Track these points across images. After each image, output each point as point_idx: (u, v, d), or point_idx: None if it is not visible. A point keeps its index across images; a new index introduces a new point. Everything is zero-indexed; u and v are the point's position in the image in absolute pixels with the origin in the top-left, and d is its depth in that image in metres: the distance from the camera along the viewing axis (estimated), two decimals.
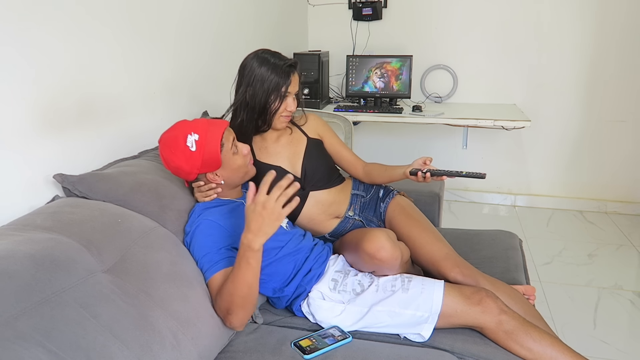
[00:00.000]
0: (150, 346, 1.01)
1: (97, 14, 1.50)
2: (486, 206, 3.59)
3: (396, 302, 1.33)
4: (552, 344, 1.26)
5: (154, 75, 1.81)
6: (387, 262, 1.37)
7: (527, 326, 1.28)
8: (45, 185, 1.33)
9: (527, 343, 1.25)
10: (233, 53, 2.45)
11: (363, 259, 1.41)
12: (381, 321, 1.34)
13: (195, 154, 1.29)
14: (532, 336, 1.26)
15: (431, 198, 2.14)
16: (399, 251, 1.40)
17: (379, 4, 3.38)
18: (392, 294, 1.35)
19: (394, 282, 1.38)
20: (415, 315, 1.31)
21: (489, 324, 1.28)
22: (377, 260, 1.37)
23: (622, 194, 3.39)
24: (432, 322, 1.30)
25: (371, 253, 1.37)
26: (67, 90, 1.40)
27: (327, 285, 1.41)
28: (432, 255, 1.54)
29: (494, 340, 1.29)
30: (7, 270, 0.91)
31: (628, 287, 2.43)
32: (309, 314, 1.40)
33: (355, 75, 3.24)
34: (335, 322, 1.36)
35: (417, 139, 3.59)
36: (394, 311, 1.33)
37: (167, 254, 1.22)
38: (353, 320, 1.35)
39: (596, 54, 3.20)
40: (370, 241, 1.38)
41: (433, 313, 1.30)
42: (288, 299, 1.45)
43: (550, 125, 3.38)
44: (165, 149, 1.32)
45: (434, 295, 1.32)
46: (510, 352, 1.27)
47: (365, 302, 1.36)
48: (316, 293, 1.40)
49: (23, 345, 0.82)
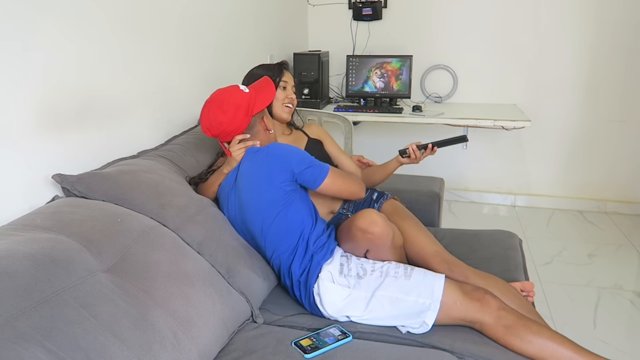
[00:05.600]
0: (151, 346, 1.01)
1: (97, 15, 1.50)
2: (486, 206, 3.59)
3: (398, 288, 1.35)
4: (552, 337, 1.27)
5: (154, 75, 1.81)
6: (378, 237, 1.40)
7: (525, 320, 1.29)
8: (45, 185, 1.33)
9: (527, 336, 1.26)
10: (233, 53, 2.45)
11: (356, 236, 1.43)
12: (384, 310, 1.35)
13: (250, 94, 1.51)
14: (532, 329, 1.27)
15: (431, 198, 2.14)
16: (390, 228, 1.42)
17: (379, 4, 3.38)
18: (394, 280, 1.37)
19: (396, 269, 1.41)
20: (417, 302, 1.32)
21: (488, 319, 1.29)
22: (369, 234, 1.39)
23: (622, 194, 3.39)
24: (435, 309, 1.31)
25: (363, 227, 1.39)
26: (68, 90, 1.40)
27: (336, 268, 1.43)
28: (423, 251, 1.57)
29: (493, 336, 1.30)
30: (7, 270, 0.91)
31: (628, 287, 2.43)
32: (317, 295, 1.40)
33: (355, 75, 3.24)
34: (342, 308, 1.37)
35: (417, 139, 3.55)
36: (396, 297, 1.34)
37: (167, 253, 1.22)
38: (360, 309, 1.36)
39: (596, 53, 3.20)
40: (363, 217, 1.41)
41: (435, 300, 1.32)
42: (302, 270, 1.43)
43: (550, 125, 3.38)
44: (213, 107, 1.47)
45: (435, 284, 1.34)
46: (510, 348, 1.27)
47: (368, 286, 1.38)
48: (326, 274, 1.41)
49: (23, 345, 0.82)
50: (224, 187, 1.54)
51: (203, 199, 1.52)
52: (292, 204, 1.46)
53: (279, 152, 1.47)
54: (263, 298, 1.50)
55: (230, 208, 1.53)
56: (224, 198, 1.55)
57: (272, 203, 1.45)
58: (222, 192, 1.55)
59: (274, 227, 1.46)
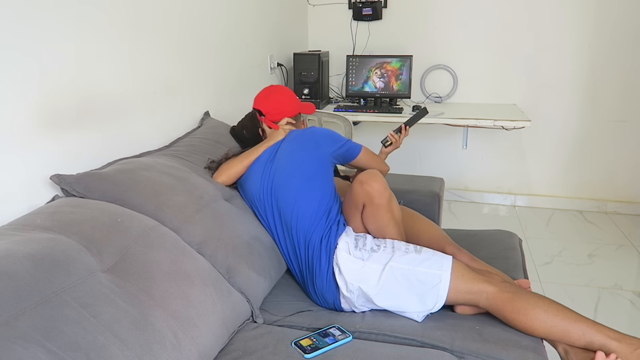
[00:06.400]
0: (151, 346, 1.01)
1: (97, 14, 1.50)
2: (486, 206, 3.59)
3: (409, 260, 1.42)
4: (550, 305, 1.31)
5: (154, 75, 1.81)
6: (376, 191, 1.48)
7: (528, 291, 1.37)
8: (45, 185, 1.33)
9: (532, 298, 1.31)
10: (234, 53, 2.45)
11: (355, 189, 1.52)
12: (397, 282, 1.39)
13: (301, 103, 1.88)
14: (536, 295, 1.34)
15: (431, 198, 2.14)
16: (389, 192, 1.52)
17: (379, 4, 3.38)
18: (405, 253, 1.45)
19: (407, 246, 1.49)
20: (427, 274, 1.38)
21: (493, 288, 1.35)
22: (367, 186, 1.49)
23: (622, 194, 3.39)
24: (446, 280, 1.37)
25: (363, 180, 1.50)
26: (68, 90, 1.40)
27: (352, 241, 1.51)
28: (432, 237, 1.68)
29: (498, 305, 1.32)
30: (7, 270, 0.91)
31: (628, 287, 2.43)
32: (336, 265, 1.47)
33: (355, 75, 3.24)
34: (358, 279, 1.43)
35: (417, 139, 3.58)
36: (407, 268, 1.40)
37: (167, 253, 1.22)
38: (374, 279, 1.41)
39: (596, 53, 3.20)
40: (366, 172, 1.53)
41: (445, 271, 1.38)
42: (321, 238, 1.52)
43: (550, 125, 3.38)
44: (280, 90, 1.82)
45: (444, 259, 1.42)
46: (515, 314, 1.29)
47: (380, 259, 1.44)
48: (343, 244, 1.49)
49: (23, 345, 0.82)
50: (260, 160, 1.66)
51: (203, 196, 1.50)
52: (326, 177, 1.63)
53: (323, 129, 1.70)
54: (263, 298, 1.50)
55: (263, 178, 1.62)
56: (256, 170, 1.65)
57: (312, 170, 1.60)
58: (256, 165, 1.66)
59: (306, 193, 1.56)
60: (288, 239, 1.58)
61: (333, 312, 1.50)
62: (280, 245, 1.61)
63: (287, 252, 1.60)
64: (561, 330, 1.26)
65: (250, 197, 1.65)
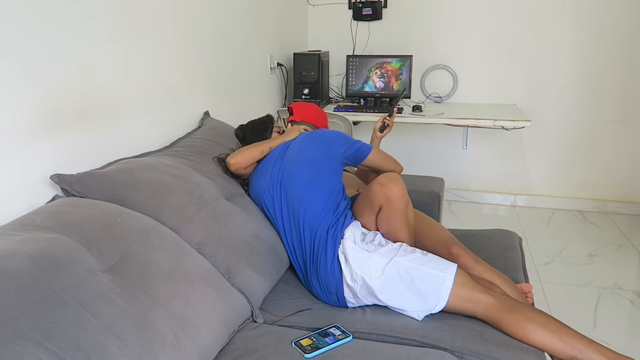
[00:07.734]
0: (151, 346, 1.01)
1: (96, 14, 1.50)
2: (486, 206, 3.59)
3: (414, 259, 1.44)
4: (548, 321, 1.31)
5: (154, 75, 1.81)
6: (395, 194, 1.50)
7: (528, 306, 1.38)
8: (45, 185, 1.33)
9: (530, 313, 1.31)
10: (233, 53, 2.45)
11: (373, 189, 1.53)
12: (400, 277, 1.40)
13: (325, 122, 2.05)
14: (535, 310, 1.34)
15: (431, 198, 2.14)
16: (407, 196, 1.53)
17: (379, 4, 3.38)
18: (411, 252, 1.47)
19: (414, 249, 1.50)
20: (431, 274, 1.39)
21: (493, 299, 1.35)
22: (387, 189, 1.50)
23: (622, 194, 3.39)
24: (449, 281, 1.37)
25: (384, 182, 1.51)
26: (68, 90, 1.40)
27: (359, 231, 1.54)
28: (439, 237, 1.68)
29: (496, 316, 1.32)
30: (7, 270, 0.91)
31: (628, 287, 2.43)
32: (342, 254, 1.49)
33: (355, 75, 3.24)
34: (363, 269, 1.45)
35: (417, 139, 3.59)
36: (412, 265, 1.41)
37: (168, 253, 1.22)
38: (377, 269, 1.43)
39: (596, 53, 3.20)
40: (387, 175, 1.55)
41: (449, 274, 1.39)
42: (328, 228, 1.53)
43: (550, 125, 3.38)
44: (312, 106, 2.02)
45: (450, 264, 1.44)
46: (513, 327, 1.29)
47: (386, 253, 1.47)
48: (349, 234, 1.51)
49: (23, 345, 0.82)
50: (271, 156, 1.70)
51: (203, 195, 1.49)
52: (335, 175, 1.65)
53: (333, 131, 1.76)
54: (263, 297, 1.50)
55: (273, 173, 1.65)
56: (267, 166, 1.68)
57: (321, 167, 1.62)
58: (267, 160, 1.70)
59: (315, 185, 1.58)
60: (294, 230, 1.59)
61: (333, 311, 1.49)
62: (285, 236, 1.62)
63: (291, 244, 1.61)
64: (558, 348, 1.26)
65: (259, 191, 1.66)
